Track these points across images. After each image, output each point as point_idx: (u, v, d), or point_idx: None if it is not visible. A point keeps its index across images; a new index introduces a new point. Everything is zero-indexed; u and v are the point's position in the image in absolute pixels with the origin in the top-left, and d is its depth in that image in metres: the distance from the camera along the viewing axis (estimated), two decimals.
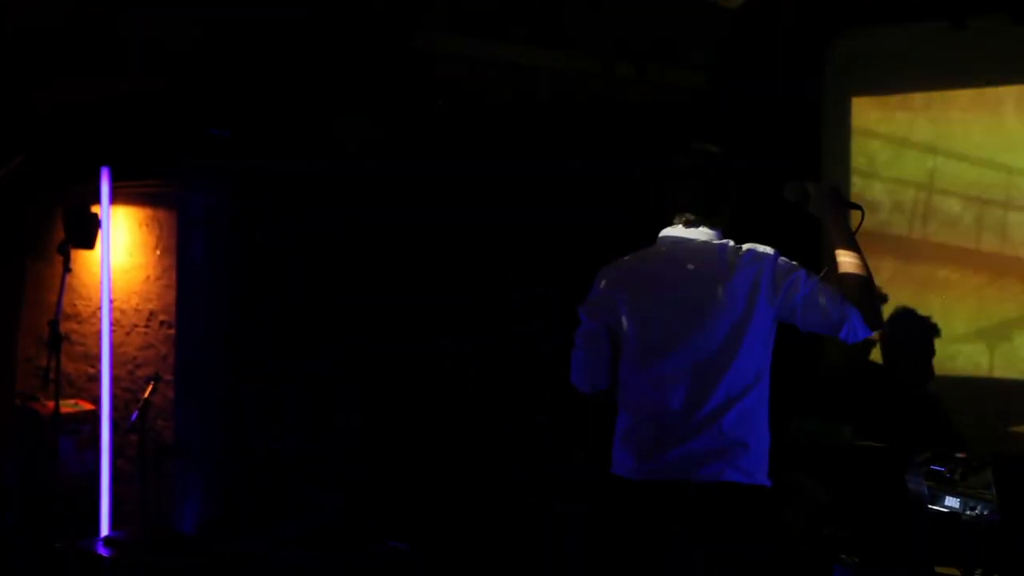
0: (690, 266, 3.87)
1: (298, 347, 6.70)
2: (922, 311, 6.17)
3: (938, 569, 3.33)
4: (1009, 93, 6.58)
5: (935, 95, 6.79)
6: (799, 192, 3.92)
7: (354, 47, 6.21)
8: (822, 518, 5.38)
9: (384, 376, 6.60)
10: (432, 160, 6.52)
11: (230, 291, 6.79)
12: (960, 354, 6.49)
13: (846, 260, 3.80)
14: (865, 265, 3.78)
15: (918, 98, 6.86)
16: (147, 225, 6.86)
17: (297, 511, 6.33)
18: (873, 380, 6.07)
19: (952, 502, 3.38)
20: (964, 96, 6.72)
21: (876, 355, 6.18)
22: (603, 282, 4.01)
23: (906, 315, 6.19)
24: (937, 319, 6.09)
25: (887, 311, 6.05)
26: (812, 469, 5.70)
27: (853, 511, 3.56)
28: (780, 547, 3.94)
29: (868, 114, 7.02)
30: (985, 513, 3.29)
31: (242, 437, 6.58)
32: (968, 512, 3.33)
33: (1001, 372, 6.54)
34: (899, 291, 6.49)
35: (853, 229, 3.81)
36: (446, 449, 6.47)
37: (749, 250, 3.86)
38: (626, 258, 4.03)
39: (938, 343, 6.12)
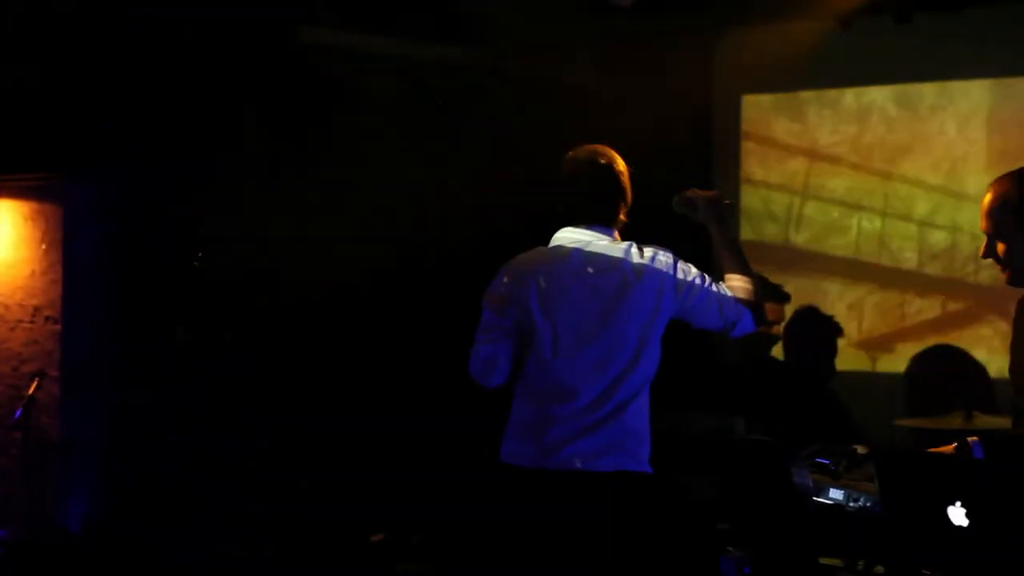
0: (595, 267, 3.97)
1: (188, 343, 6.64)
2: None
3: (822, 560, 3.39)
4: (892, 93, 6.70)
5: (822, 94, 6.91)
6: (686, 203, 4.09)
7: (237, 42, 6.16)
8: (712, 512, 5.47)
9: (278, 371, 6.56)
10: (320, 159, 6.49)
11: (118, 286, 6.71)
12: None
13: (731, 265, 4.04)
14: (749, 269, 4.04)
15: (804, 97, 6.97)
16: (32, 219, 6.76)
17: (187, 507, 6.28)
18: (772, 375, 6.17)
19: (836, 494, 3.44)
20: (850, 95, 6.84)
21: (778, 351, 6.29)
22: (507, 278, 4.05)
23: (809, 313, 6.30)
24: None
25: (791, 309, 6.18)
26: (703, 464, 5.79)
27: (741, 504, 3.62)
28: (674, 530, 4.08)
29: (759, 114, 7.11)
30: (867, 505, 3.36)
31: (130, 433, 6.50)
32: (851, 504, 3.40)
33: (884, 367, 6.66)
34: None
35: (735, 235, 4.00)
36: (334, 439, 6.46)
37: (653, 253, 3.99)
38: (527, 255, 4.08)
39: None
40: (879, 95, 6.77)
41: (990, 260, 3.52)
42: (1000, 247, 3.49)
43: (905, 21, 6.37)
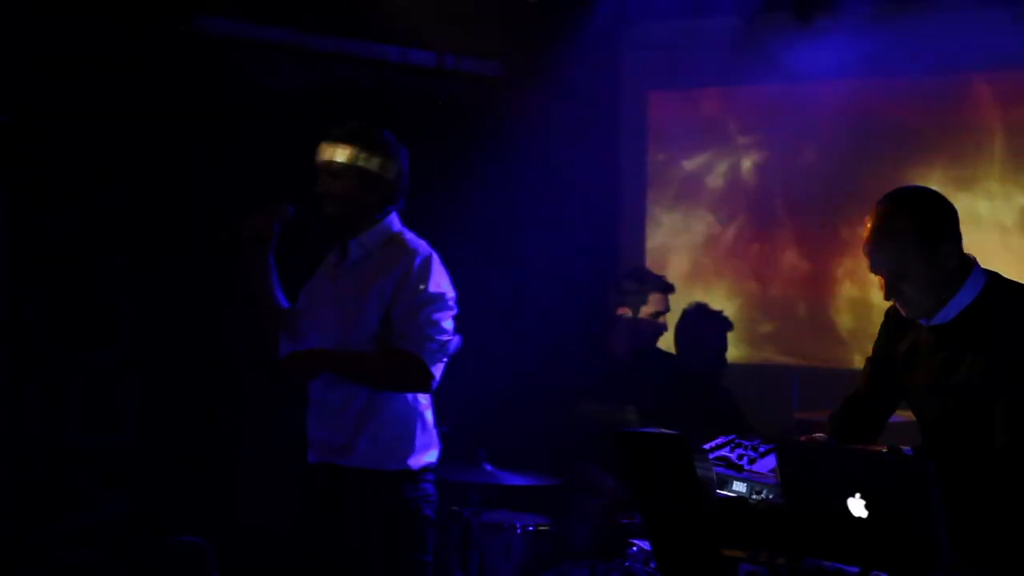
0: None
1: (82, 339, 6.54)
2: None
3: (724, 552, 3.42)
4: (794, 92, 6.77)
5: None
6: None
7: (130, 27, 6.07)
8: (614, 506, 5.52)
9: (171, 368, 6.48)
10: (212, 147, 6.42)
11: (9, 281, 6.59)
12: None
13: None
14: None
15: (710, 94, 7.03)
16: None
17: (82, 506, 6.20)
18: (661, 367, 6.23)
19: (739, 487, 3.48)
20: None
21: (666, 343, 6.34)
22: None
23: (699, 309, 6.35)
24: None
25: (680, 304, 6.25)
26: (601, 456, 5.85)
27: (644, 497, 3.64)
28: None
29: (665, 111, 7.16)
30: (770, 497, 3.40)
31: (22, 431, 6.39)
32: (754, 496, 3.44)
33: (786, 359, 6.75)
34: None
35: None
36: (234, 439, 6.41)
37: None
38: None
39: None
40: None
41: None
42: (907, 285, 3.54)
43: (805, 18, 6.44)
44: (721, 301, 6.71)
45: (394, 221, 4.32)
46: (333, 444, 4.20)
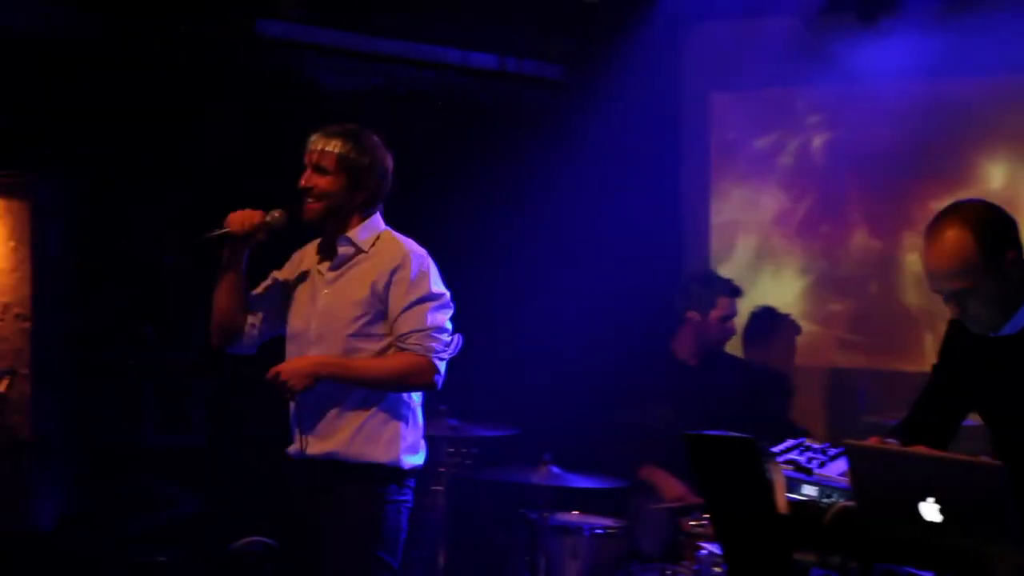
0: None
1: (156, 341, 6.62)
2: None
3: (795, 556, 3.42)
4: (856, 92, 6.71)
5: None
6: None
7: (199, 35, 6.14)
8: (683, 509, 5.52)
9: (241, 370, 6.54)
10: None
11: (87, 283, 6.68)
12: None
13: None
14: None
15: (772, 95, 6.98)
16: (0, 216, 6.72)
17: (158, 507, 6.27)
18: (729, 371, 6.21)
19: (809, 490, 3.48)
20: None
21: (732, 345, 6.34)
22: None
23: (766, 312, 6.35)
24: None
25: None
26: (668, 459, 5.85)
27: (714, 500, 3.65)
28: None
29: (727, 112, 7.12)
30: (841, 501, 3.39)
31: (100, 432, 6.48)
32: (825, 500, 3.44)
33: (853, 363, 6.70)
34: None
35: None
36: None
37: None
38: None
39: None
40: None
41: None
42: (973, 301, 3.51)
43: (868, 19, 6.41)
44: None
45: (379, 219, 4.33)
46: (324, 437, 4.19)
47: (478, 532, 6.10)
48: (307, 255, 4.39)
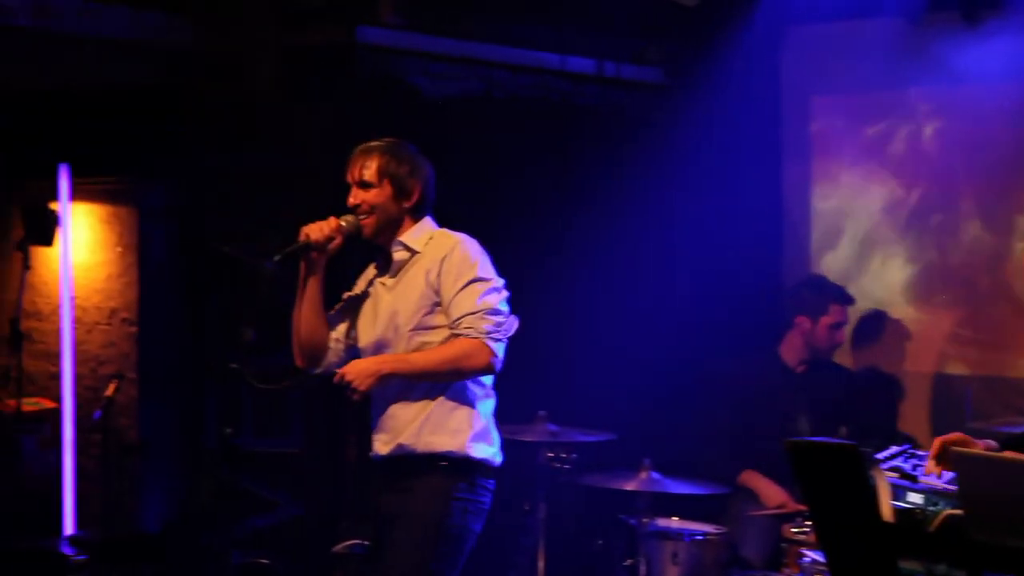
0: None
1: (259, 344, 6.69)
2: None
3: (901, 564, 3.38)
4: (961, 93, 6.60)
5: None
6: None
7: (299, 42, 6.20)
8: (785, 516, 5.47)
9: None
10: None
11: (191, 288, 6.78)
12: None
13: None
14: None
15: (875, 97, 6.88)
16: (108, 222, 6.85)
17: (260, 510, 6.34)
18: (835, 378, 6.15)
19: (915, 498, 3.44)
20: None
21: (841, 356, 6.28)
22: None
23: (875, 316, 6.27)
24: None
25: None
26: (772, 465, 5.81)
27: (817, 507, 3.61)
28: None
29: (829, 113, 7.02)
30: (948, 508, 3.35)
31: (205, 435, 6.57)
32: (931, 508, 3.39)
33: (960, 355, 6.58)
34: None
35: None
36: None
37: None
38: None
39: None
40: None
41: None
42: None
43: (972, 19, 6.31)
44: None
45: (431, 221, 4.37)
46: (394, 433, 4.24)
47: (577, 537, 6.10)
48: (369, 273, 4.46)
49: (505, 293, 4.25)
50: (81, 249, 6.87)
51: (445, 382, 4.19)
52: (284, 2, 6.19)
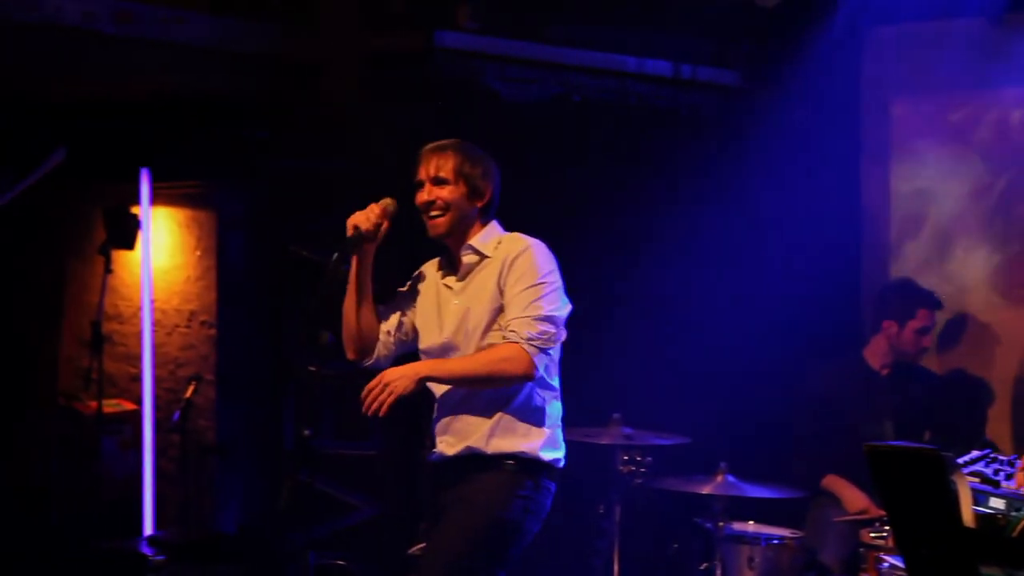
0: None
1: (335, 347, 6.72)
2: None
3: (982, 570, 3.33)
4: None
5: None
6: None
7: (378, 47, 6.22)
8: (864, 520, 5.41)
9: None
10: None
11: (269, 291, 6.82)
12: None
13: None
14: None
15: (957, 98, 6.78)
16: (187, 226, 6.92)
17: (338, 512, 6.37)
18: (921, 382, 6.09)
19: (996, 503, 3.39)
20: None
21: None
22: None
23: (962, 320, 6.21)
24: None
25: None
26: (853, 469, 5.76)
27: (897, 512, 3.57)
28: None
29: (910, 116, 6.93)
30: None
31: (282, 437, 6.61)
32: (1014, 513, 3.34)
33: None
34: None
35: None
36: None
37: None
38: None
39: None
40: None
41: None
42: None
43: None
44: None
45: (498, 225, 4.32)
46: (461, 437, 4.19)
47: (652, 541, 6.07)
48: (428, 273, 4.39)
49: (562, 302, 4.16)
50: (161, 253, 6.95)
51: (485, 388, 4.13)
52: (364, 8, 6.21)
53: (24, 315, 7.27)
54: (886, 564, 4.82)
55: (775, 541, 5.49)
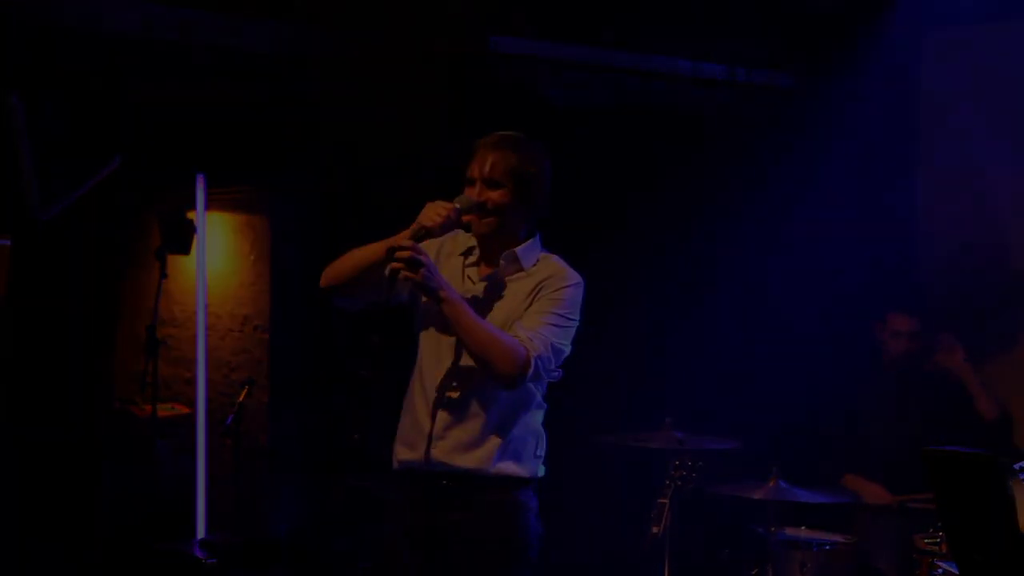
0: None
1: (387, 352, 6.74)
2: None
3: None
4: None
5: None
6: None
7: (433, 51, 6.23)
8: (916, 528, 5.36)
9: None
10: None
11: (321, 296, 6.82)
12: None
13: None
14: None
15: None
16: (241, 232, 6.96)
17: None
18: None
19: None
20: None
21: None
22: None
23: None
24: None
25: None
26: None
27: (952, 518, 3.53)
28: None
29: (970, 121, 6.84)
30: None
31: (333, 441, 6.63)
32: None
33: None
34: None
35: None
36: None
37: None
38: None
39: None
40: None
41: None
42: None
43: None
44: None
45: (539, 241, 4.10)
46: (462, 450, 3.94)
47: (704, 546, 6.04)
48: (452, 249, 4.14)
49: (569, 346, 3.98)
50: (215, 258, 6.99)
51: (469, 350, 3.84)
52: (419, 11, 6.22)
53: (80, 319, 7.32)
54: (940, 570, 4.76)
55: (827, 547, 5.46)
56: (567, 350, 3.96)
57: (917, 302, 6.38)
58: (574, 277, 4.00)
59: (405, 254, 3.73)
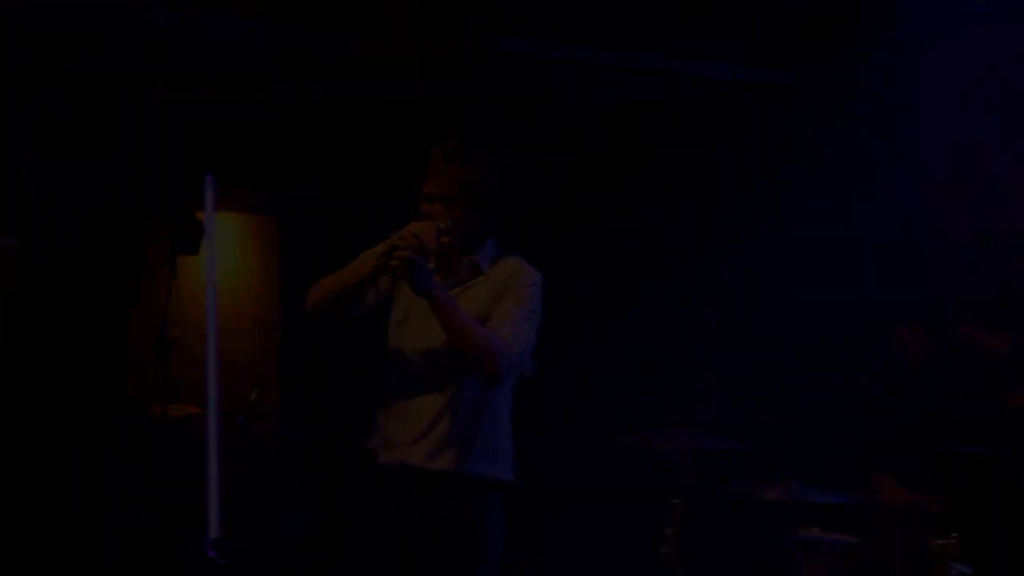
0: None
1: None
2: None
3: None
4: None
5: None
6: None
7: (441, 52, 6.25)
8: (932, 527, 5.38)
9: None
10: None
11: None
12: None
13: None
14: None
15: None
16: (251, 232, 6.97)
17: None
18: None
19: None
20: None
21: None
22: None
23: None
24: None
25: None
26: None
27: (968, 519, 3.55)
28: None
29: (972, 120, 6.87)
30: None
31: (344, 442, 6.65)
32: None
33: None
34: None
35: None
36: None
37: None
38: None
39: None
40: None
41: None
42: None
43: None
44: None
45: (493, 242, 4.17)
46: (438, 450, 4.03)
47: (718, 547, 6.06)
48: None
49: (535, 337, 4.09)
50: (225, 258, 7.00)
51: (451, 346, 3.93)
52: (425, 12, 6.24)
53: (90, 320, 7.32)
54: (954, 571, 4.78)
55: (841, 547, 5.47)
56: (535, 344, 4.07)
57: (919, 302, 6.39)
58: (535, 275, 4.12)
59: (404, 254, 3.83)
